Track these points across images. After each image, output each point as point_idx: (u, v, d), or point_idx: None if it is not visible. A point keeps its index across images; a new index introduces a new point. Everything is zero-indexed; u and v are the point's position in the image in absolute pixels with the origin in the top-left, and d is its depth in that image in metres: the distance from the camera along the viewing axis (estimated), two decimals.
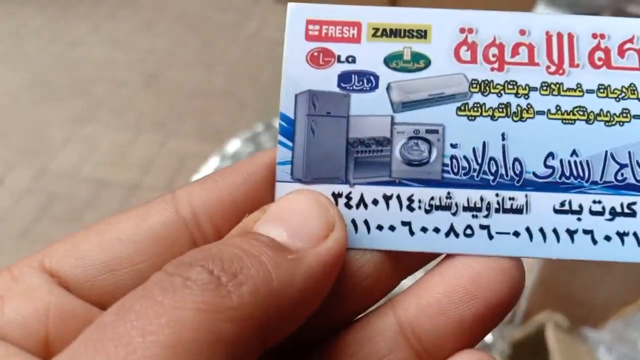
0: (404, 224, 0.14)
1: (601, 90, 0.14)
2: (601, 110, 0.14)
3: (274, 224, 0.13)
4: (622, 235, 0.13)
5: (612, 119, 0.14)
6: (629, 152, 0.14)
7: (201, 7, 1.62)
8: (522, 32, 0.14)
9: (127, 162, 1.09)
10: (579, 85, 0.14)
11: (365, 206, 0.14)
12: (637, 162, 0.14)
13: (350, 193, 0.14)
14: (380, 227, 0.14)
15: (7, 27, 1.51)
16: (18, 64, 1.37)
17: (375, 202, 0.14)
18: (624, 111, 0.14)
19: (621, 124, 0.14)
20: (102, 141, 1.14)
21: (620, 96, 0.14)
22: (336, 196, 0.14)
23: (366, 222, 0.14)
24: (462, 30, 0.14)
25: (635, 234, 0.13)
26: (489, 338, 0.37)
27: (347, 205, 0.14)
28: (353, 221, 0.14)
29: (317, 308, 0.12)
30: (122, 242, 0.13)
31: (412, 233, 0.14)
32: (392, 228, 0.14)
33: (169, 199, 0.14)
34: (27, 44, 1.45)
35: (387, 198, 0.14)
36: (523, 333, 0.42)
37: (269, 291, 0.11)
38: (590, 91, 0.14)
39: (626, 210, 0.13)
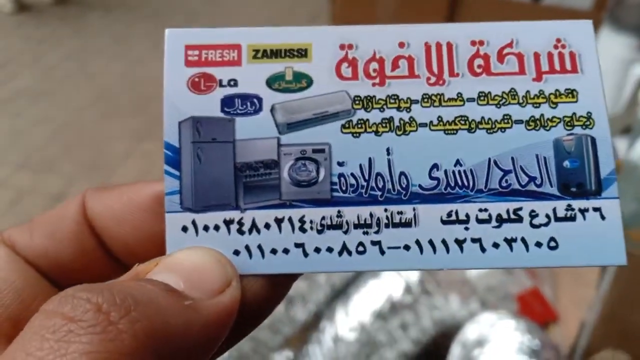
0: (297, 245, 0.14)
1: (482, 98, 0.14)
2: (482, 118, 0.14)
3: (170, 273, 0.12)
4: (510, 242, 0.13)
5: (493, 126, 0.14)
6: (512, 158, 0.14)
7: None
8: (401, 45, 0.14)
9: None
10: (459, 95, 0.14)
11: (258, 231, 0.14)
12: (521, 167, 0.14)
13: (242, 219, 0.14)
14: (274, 251, 0.14)
15: (74, 45, 1.55)
16: (83, 81, 1.41)
17: (267, 226, 0.14)
18: (505, 117, 0.14)
19: (503, 130, 0.14)
20: (160, 157, 1.15)
21: (501, 102, 0.14)
22: (228, 223, 0.14)
23: (260, 247, 0.14)
24: (342, 47, 0.14)
25: (523, 239, 0.13)
26: None
27: (240, 232, 0.14)
28: (247, 247, 0.14)
29: (210, 356, 0.12)
30: None
31: (306, 254, 0.14)
32: (286, 251, 0.14)
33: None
34: (91, 62, 1.49)
35: (278, 221, 0.14)
36: None
37: (164, 334, 0.10)
38: (470, 99, 0.14)
39: (512, 217, 0.13)
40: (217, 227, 0.14)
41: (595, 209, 0.13)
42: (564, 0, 0.92)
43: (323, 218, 0.14)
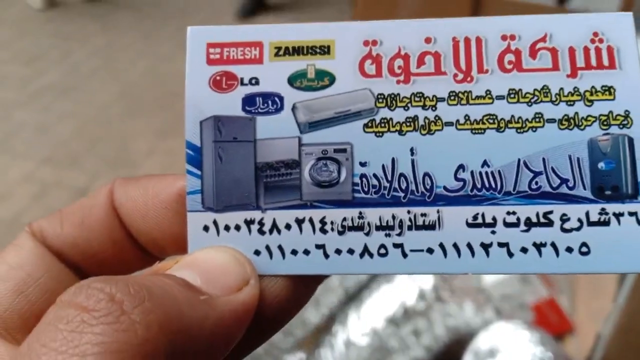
0: (318, 247, 0.13)
1: (512, 96, 0.13)
2: (512, 116, 0.13)
3: (188, 270, 0.12)
4: (539, 247, 0.13)
5: (524, 125, 0.13)
6: (543, 159, 0.13)
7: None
8: (428, 40, 0.14)
9: None
10: (488, 92, 0.13)
11: (279, 231, 0.14)
12: (552, 168, 0.13)
13: (262, 219, 0.14)
14: (294, 252, 0.13)
15: (101, 42, 1.61)
16: (108, 77, 1.46)
17: (288, 226, 0.14)
18: (537, 116, 0.13)
19: (534, 129, 0.13)
20: (183, 154, 1.18)
21: (532, 100, 0.13)
22: (249, 223, 0.14)
23: (280, 248, 0.14)
24: (366, 43, 0.14)
25: (553, 244, 0.13)
26: None
27: (260, 232, 0.14)
28: (267, 247, 0.14)
29: (225, 355, 0.12)
30: (14, 268, 0.13)
31: (326, 256, 0.13)
32: (306, 252, 0.13)
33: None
34: (117, 59, 1.54)
35: (299, 222, 0.14)
36: None
37: (179, 327, 0.11)
38: (500, 97, 0.13)
39: (542, 220, 0.13)
40: (237, 227, 0.14)
41: (631, 214, 0.13)
42: (591, 4, 0.89)
43: (344, 219, 0.13)
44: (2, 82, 1.47)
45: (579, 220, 0.13)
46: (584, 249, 0.13)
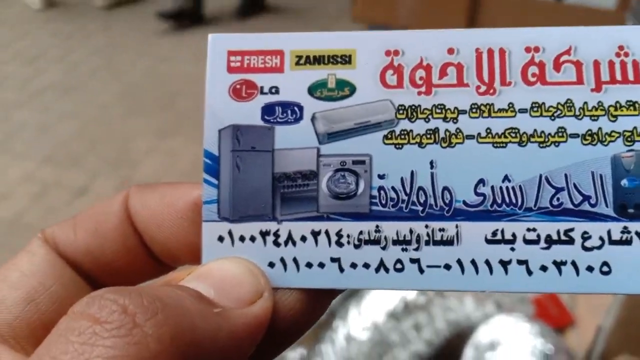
0: (333, 260, 0.13)
1: (535, 109, 0.13)
2: (535, 130, 0.13)
3: (201, 281, 0.12)
4: (559, 265, 0.13)
5: (546, 140, 0.13)
6: (566, 175, 0.13)
7: (281, 27, 1.70)
8: (451, 51, 0.14)
9: None
10: (510, 105, 0.13)
11: (294, 243, 0.13)
12: (575, 185, 0.13)
13: (278, 230, 0.13)
14: (309, 265, 0.13)
15: (101, 41, 1.59)
16: (109, 77, 1.47)
17: (303, 238, 0.13)
18: (560, 130, 0.13)
19: (557, 144, 0.13)
20: (183, 154, 1.18)
21: (555, 114, 0.13)
22: (264, 234, 0.13)
23: (295, 260, 0.13)
24: (387, 53, 0.14)
25: (573, 263, 0.13)
26: None
27: (276, 243, 0.13)
28: (282, 259, 0.13)
29: None
30: (26, 275, 0.13)
31: (341, 270, 0.13)
32: (321, 265, 0.13)
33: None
34: (117, 58, 1.54)
35: (315, 234, 0.13)
36: None
37: (192, 340, 0.10)
38: (523, 110, 0.13)
39: (563, 238, 0.13)
40: (252, 238, 0.13)
41: None
42: (588, 0, 0.90)
43: (361, 232, 0.13)
44: (2, 82, 1.47)
45: (601, 238, 0.13)
46: (605, 268, 0.12)
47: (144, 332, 0.10)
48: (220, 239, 0.13)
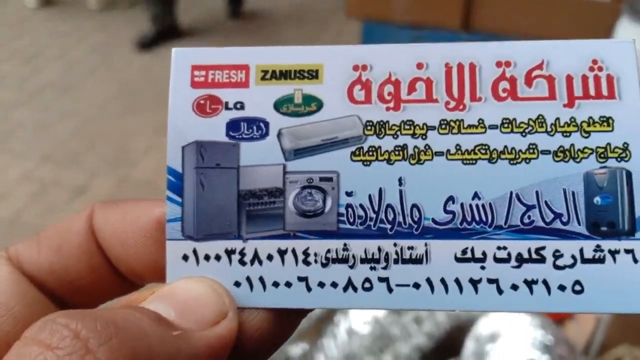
0: (300, 279, 0.13)
1: (505, 125, 0.13)
2: (505, 147, 0.13)
3: (162, 302, 0.12)
4: (530, 284, 0.12)
5: (517, 156, 0.13)
6: (537, 192, 0.13)
7: (279, 21, 1.68)
8: (420, 66, 0.13)
9: None
10: (481, 121, 0.13)
11: (260, 262, 0.13)
12: (546, 202, 0.13)
13: (243, 249, 0.13)
14: (276, 284, 0.13)
15: (100, 38, 1.60)
16: (106, 75, 1.46)
17: (270, 257, 0.13)
18: (531, 147, 0.13)
19: (527, 161, 0.13)
20: None
21: (526, 130, 0.13)
22: (229, 253, 0.13)
23: (261, 279, 0.13)
24: (355, 68, 0.13)
25: (544, 282, 0.12)
26: None
27: (241, 262, 0.13)
28: (248, 278, 0.13)
29: None
30: None
31: (309, 289, 0.13)
32: (288, 284, 0.13)
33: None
34: (115, 56, 1.54)
35: (282, 253, 0.13)
36: None
37: None
38: (493, 127, 0.13)
39: (534, 256, 0.12)
40: (218, 257, 0.13)
41: (628, 251, 0.12)
42: None
43: (328, 251, 0.13)
44: (0, 82, 1.47)
45: (573, 257, 0.12)
46: (577, 287, 0.12)
47: (97, 358, 0.09)
48: (185, 257, 0.13)
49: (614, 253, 0.12)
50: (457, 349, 0.41)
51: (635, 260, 0.12)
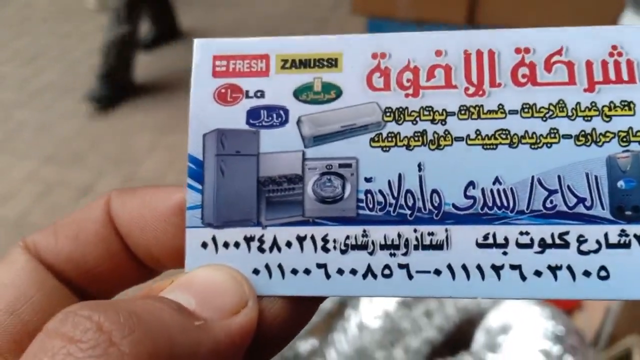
0: (319, 266, 0.13)
1: (525, 110, 0.13)
2: (526, 131, 0.13)
3: (182, 292, 0.12)
4: (554, 270, 0.12)
5: (538, 141, 0.13)
6: (559, 177, 0.12)
7: (281, 17, 1.67)
8: (438, 53, 0.13)
9: None
10: (500, 106, 0.13)
11: (279, 249, 0.13)
12: (569, 187, 0.12)
13: (262, 236, 0.13)
14: (295, 271, 0.13)
15: (98, 40, 1.60)
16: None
17: (289, 244, 0.13)
18: (552, 131, 0.13)
19: (549, 145, 0.13)
20: (184, 149, 1.19)
21: (547, 115, 0.13)
22: (248, 240, 0.13)
23: (280, 267, 0.13)
24: (374, 56, 0.13)
25: (569, 267, 0.12)
26: None
27: (260, 249, 0.13)
28: (267, 266, 0.13)
29: None
30: (6, 285, 0.13)
31: (328, 276, 0.13)
32: (307, 271, 0.13)
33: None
34: None
35: (300, 239, 0.13)
36: (608, 357, 0.41)
37: (171, 356, 0.10)
38: (513, 112, 0.13)
39: (557, 242, 0.12)
40: (237, 244, 0.13)
41: None
42: None
43: (347, 237, 0.13)
44: (1, 82, 1.47)
45: (597, 242, 0.12)
46: (603, 273, 0.12)
47: (120, 351, 0.09)
48: (204, 245, 0.13)
49: (639, 238, 0.12)
50: (467, 342, 0.41)
51: None
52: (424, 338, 0.42)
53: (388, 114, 0.13)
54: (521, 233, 0.12)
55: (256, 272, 0.13)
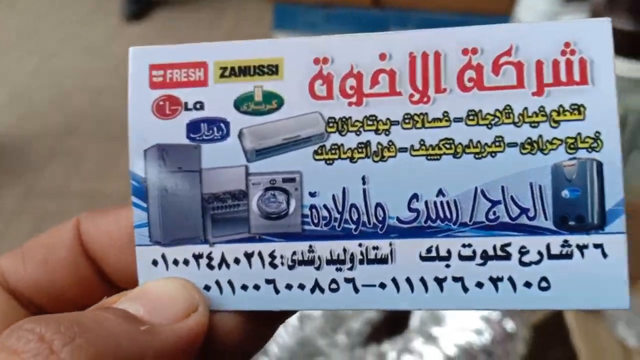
0: (268, 282, 0.13)
1: (471, 118, 0.12)
2: (470, 140, 0.12)
3: (131, 302, 0.12)
4: (495, 281, 0.12)
5: (482, 150, 0.12)
6: (502, 187, 0.12)
7: (179, 8, 1.61)
8: (383, 57, 0.13)
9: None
10: (445, 114, 0.12)
11: (228, 266, 0.13)
12: (512, 197, 0.12)
13: (210, 253, 0.13)
14: (245, 287, 0.13)
15: (92, 6, 1.56)
16: (93, 49, 1.43)
17: (237, 260, 0.13)
18: (497, 140, 0.12)
19: (493, 154, 0.12)
20: None
21: (492, 122, 0.12)
22: (197, 257, 0.13)
23: (230, 283, 0.13)
24: (316, 61, 0.13)
25: (510, 279, 0.12)
26: (511, 327, 0.37)
27: (209, 266, 0.13)
28: (217, 282, 0.13)
29: None
30: None
31: (277, 291, 0.13)
32: (256, 287, 0.13)
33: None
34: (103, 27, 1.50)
35: (248, 256, 0.13)
36: (542, 315, 0.41)
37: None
38: (458, 119, 0.12)
39: (499, 253, 0.12)
40: (186, 262, 0.13)
41: (597, 246, 0.12)
42: None
43: (294, 253, 0.13)
44: None
45: (539, 253, 0.12)
46: (544, 284, 0.12)
47: (60, 358, 0.10)
48: (155, 262, 0.13)
49: (582, 248, 0.12)
50: (406, 319, 0.42)
51: (605, 255, 0.12)
52: (364, 318, 0.42)
53: (331, 125, 0.13)
54: (464, 245, 0.12)
55: (207, 288, 0.13)
